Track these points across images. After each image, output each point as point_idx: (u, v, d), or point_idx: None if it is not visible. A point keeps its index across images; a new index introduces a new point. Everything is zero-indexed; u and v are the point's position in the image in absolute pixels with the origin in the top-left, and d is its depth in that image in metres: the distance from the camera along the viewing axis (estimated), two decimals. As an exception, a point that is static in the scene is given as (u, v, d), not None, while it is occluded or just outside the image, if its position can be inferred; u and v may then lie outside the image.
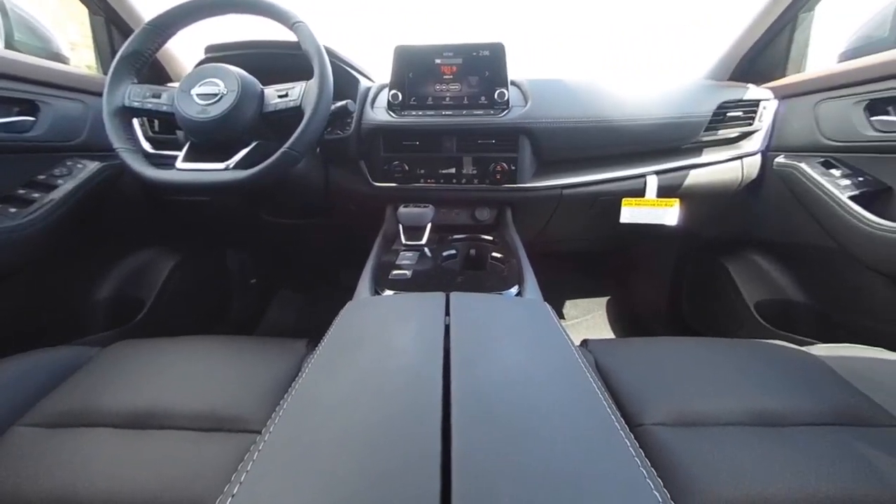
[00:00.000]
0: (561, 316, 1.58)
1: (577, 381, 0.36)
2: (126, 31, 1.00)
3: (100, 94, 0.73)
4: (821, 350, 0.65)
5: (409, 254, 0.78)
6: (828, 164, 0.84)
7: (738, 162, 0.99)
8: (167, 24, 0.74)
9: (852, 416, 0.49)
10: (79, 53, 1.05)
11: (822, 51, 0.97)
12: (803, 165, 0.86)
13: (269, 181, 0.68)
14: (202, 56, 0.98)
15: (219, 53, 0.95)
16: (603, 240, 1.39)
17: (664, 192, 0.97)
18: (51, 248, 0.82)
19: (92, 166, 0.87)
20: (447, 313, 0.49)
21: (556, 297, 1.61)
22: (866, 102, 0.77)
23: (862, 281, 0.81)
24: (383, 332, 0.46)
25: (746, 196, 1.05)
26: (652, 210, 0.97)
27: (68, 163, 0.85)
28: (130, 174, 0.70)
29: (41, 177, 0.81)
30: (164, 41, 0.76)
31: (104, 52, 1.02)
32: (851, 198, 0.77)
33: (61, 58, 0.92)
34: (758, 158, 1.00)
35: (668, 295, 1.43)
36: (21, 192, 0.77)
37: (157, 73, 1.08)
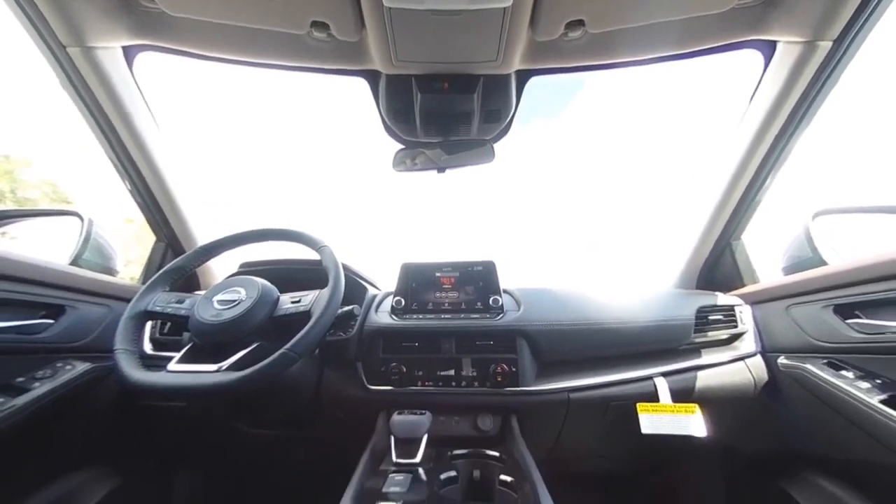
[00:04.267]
0: None
1: None
2: (179, 252, 1.19)
3: (127, 300, 0.80)
4: None
5: (399, 477, 0.65)
6: (834, 366, 0.82)
7: (742, 364, 0.98)
8: (216, 248, 0.90)
9: None
10: (129, 269, 1.22)
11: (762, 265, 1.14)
12: (810, 367, 0.85)
13: (262, 383, 0.64)
14: (236, 268, 1.13)
15: (250, 269, 1.10)
16: (628, 456, 1.18)
17: (678, 396, 0.91)
18: None
19: (80, 368, 0.85)
20: None
21: None
22: (832, 307, 0.83)
23: None
24: None
25: (769, 401, 0.98)
26: (674, 418, 0.88)
27: (58, 364, 0.83)
28: (117, 375, 0.68)
29: (20, 379, 0.77)
30: (208, 260, 0.90)
31: (152, 267, 1.19)
32: (883, 402, 0.71)
33: (112, 271, 1.06)
34: (759, 360, 0.99)
35: None
36: (-13, 396, 0.72)
37: (188, 282, 1.21)
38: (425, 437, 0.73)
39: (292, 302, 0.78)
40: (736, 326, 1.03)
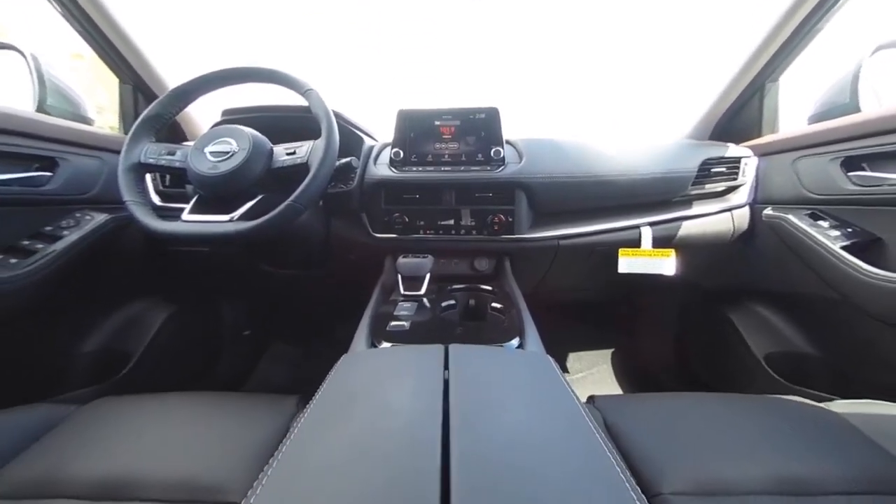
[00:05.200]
0: (564, 369, 1.52)
1: (586, 444, 0.34)
2: (151, 97, 1.08)
3: (117, 152, 0.77)
4: (841, 407, 0.62)
5: (407, 304, 0.77)
6: (815, 216, 0.87)
7: (728, 214, 1.03)
8: (190, 91, 0.81)
9: (888, 482, 0.46)
10: (104, 116, 1.12)
11: (790, 114, 1.06)
12: (791, 217, 0.89)
13: (272, 233, 0.69)
14: (219, 118, 1.05)
15: (234, 116, 1.02)
16: (602, 290, 1.38)
17: (659, 242, 0.99)
18: (45, 299, 0.81)
19: (100, 218, 0.89)
20: (446, 367, 0.47)
21: (558, 349, 1.57)
22: (841, 159, 0.82)
23: (874, 333, 0.80)
24: (379, 389, 0.43)
25: (741, 247, 1.07)
26: (649, 260, 0.98)
27: (77, 214, 0.87)
28: (138, 226, 0.72)
29: (48, 228, 0.82)
30: (186, 105, 0.83)
31: (128, 115, 1.10)
32: (843, 248, 0.78)
33: (86, 120, 0.98)
34: (746, 210, 1.04)
35: (674, 347, 1.39)
36: (25, 243, 0.78)
37: (173, 133, 1.15)
38: (428, 276, 0.84)
39: (287, 154, 0.76)
40: (736, 178, 1.03)
